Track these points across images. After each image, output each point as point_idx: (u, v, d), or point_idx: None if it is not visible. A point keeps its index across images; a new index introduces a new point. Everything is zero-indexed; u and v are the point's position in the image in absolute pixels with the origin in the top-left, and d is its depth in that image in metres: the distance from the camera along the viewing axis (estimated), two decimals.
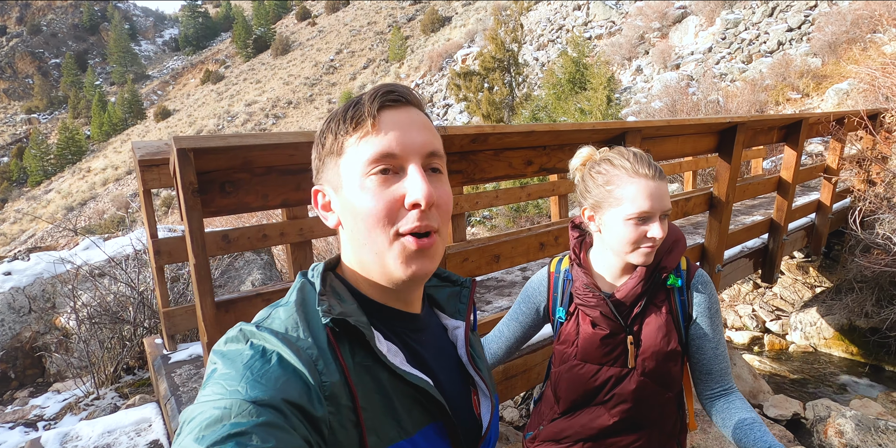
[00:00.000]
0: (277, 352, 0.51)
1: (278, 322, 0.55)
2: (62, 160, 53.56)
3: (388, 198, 0.56)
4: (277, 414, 0.45)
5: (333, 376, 0.52)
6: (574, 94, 11.48)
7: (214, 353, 0.53)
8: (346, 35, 62.01)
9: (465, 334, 0.70)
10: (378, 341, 0.57)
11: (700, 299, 1.14)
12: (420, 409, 0.59)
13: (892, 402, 3.63)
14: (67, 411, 3.25)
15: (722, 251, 3.17)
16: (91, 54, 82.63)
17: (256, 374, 0.48)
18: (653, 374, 1.13)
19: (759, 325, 5.35)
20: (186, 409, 0.47)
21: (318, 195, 0.64)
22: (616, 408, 1.15)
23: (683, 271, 1.15)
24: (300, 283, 0.60)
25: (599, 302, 1.12)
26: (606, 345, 1.14)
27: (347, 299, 0.59)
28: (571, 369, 1.18)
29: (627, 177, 1.06)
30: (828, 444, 2.73)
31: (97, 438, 2.01)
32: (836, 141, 4.56)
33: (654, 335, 1.12)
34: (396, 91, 0.59)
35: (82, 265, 4.47)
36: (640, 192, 1.04)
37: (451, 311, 0.72)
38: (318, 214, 0.64)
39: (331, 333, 0.54)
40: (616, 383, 1.15)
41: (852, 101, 8.32)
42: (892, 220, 4.05)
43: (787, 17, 15.89)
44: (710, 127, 2.88)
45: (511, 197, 4.44)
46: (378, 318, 0.61)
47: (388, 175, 0.57)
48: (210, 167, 1.35)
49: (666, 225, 1.07)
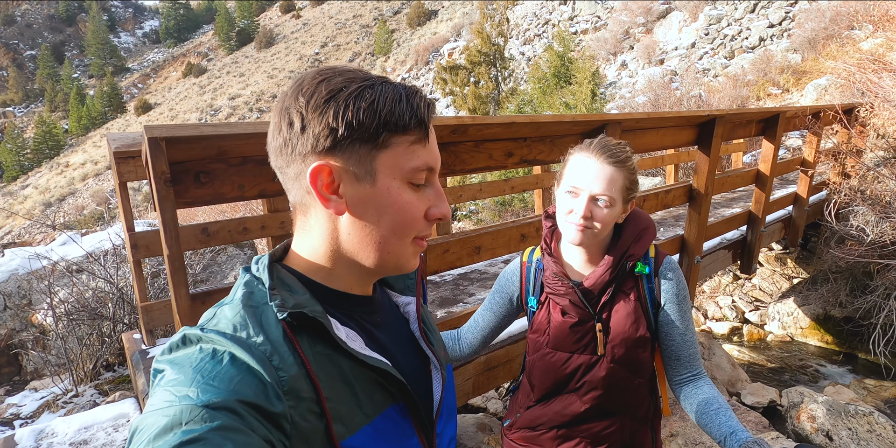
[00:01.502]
0: (229, 351, 0.49)
1: (225, 321, 0.53)
2: (39, 155, 52.20)
3: (421, 208, 0.59)
4: (233, 416, 0.44)
5: (291, 370, 0.51)
6: (559, 88, 11.52)
7: (160, 362, 0.50)
8: (331, 28, 61.29)
9: (417, 309, 0.72)
10: (336, 328, 0.57)
11: (668, 286, 1.15)
12: (382, 391, 0.60)
13: (864, 389, 3.75)
14: (45, 409, 3.20)
15: (701, 243, 3.23)
16: (68, 46, 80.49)
17: (207, 376, 0.46)
18: (622, 361, 1.15)
19: (738, 316, 5.46)
20: (134, 420, 0.45)
21: (321, 172, 0.56)
22: (587, 395, 1.17)
23: (652, 259, 1.17)
24: (245, 279, 0.58)
25: (568, 290, 1.14)
26: (576, 332, 1.16)
27: (299, 290, 0.58)
28: (544, 357, 1.20)
29: (573, 156, 1.12)
30: (801, 428, 2.81)
31: (73, 435, 1.98)
32: (812, 135, 4.65)
33: (623, 322, 1.13)
34: (433, 105, 0.59)
35: (59, 261, 4.39)
36: (574, 169, 1.10)
37: (400, 288, 0.73)
38: (315, 193, 0.56)
39: (287, 327, 0.54)
40: (587, 370, 1.17)
41: (830, 96, 8.48)
42: (865, 212, 4.16)
43: (768, 13, 16.10)
44: (689, 120, 2.92)
45: (495, 190, 4.46)
46: (332, 304, 0.61)
47: (420, 187, 0.59)
48: (183, 157, 1.33)
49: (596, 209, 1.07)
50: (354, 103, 0.54)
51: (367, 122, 0.54)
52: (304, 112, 0.55)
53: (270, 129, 0.59)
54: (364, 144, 0.55)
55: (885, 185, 4.17)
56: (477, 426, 2.91)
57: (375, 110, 0.54)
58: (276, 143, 0.58)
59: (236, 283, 0.59)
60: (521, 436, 1.28)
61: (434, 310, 2.75)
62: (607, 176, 1.06)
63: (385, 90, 0.55)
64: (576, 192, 1.09)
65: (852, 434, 2.65)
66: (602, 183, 1.06)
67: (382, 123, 0.55)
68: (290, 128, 0.56)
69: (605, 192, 1.06)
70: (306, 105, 0.55)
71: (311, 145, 0.55)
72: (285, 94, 0.57)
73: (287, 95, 0.57)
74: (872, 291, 4.17)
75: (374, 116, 0.54)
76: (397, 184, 0.57)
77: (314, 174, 0.55)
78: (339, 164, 0.56)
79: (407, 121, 0.56)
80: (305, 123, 0.55)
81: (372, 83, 0.56)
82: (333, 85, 0.55)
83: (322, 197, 0.56)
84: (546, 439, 1.23)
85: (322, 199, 0.57)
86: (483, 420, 3.01)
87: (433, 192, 0.61)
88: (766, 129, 3.85)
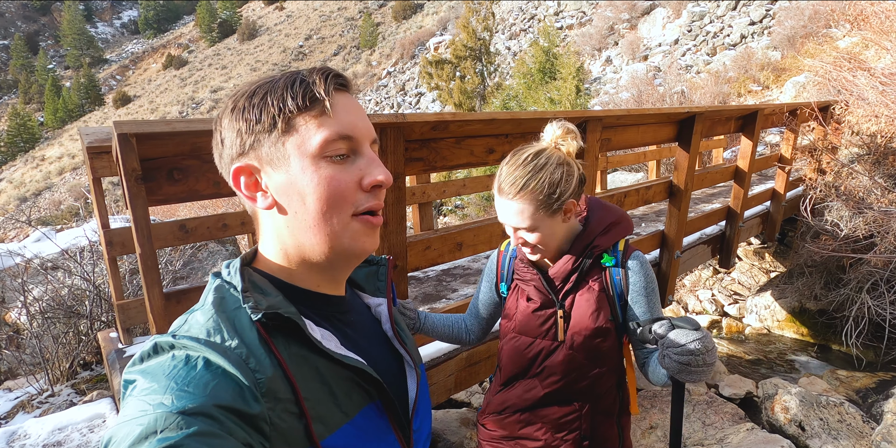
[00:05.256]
0: (203, 356, 0.49)
1: (197, 327, 0.53)
2: (13, 148, 50.69)
3: (348, 179, 0.57)
4: (210, 421, 0.44)
5: (268, 371, 0.51)
6: (544, 83, 11.55)
7: (130, 372, 0.49)
8: (315, 20, 60.42)
9: (389, 310, 0.73)
10: (311, 329, 0.57)
11: (634, 279, 1.19)
12: (359, 390, 0.60)
13: (836, 379, 3.86)
14: (20, 410, 3.13)
15: (681, 238, 3.27)
16: (43, 36, 78.06)
17: (182, 383, 0.46)
18: (580, 348, 1.18)
19: (717, 309, 5.56)
20: (107, 431, 0.45)
21: (241, 174, 0.58)
22: (547, 380, 1.22)
23: (619, 252, 1.21)
24: (215, 284, 0.58)
25: (533, 277, 1.21)
26: (538, 318, 1.21)
27: (271, 292, 0.58)
28: (510, 342, 1.26)
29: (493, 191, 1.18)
30: (775, 419, 2.88)
31: (47, 436, 1.94)
32: (790, 132, 4.74)
33: (584, 311, 1.18)
34: (342, 75, 0.60)
35: (33, 258, 4.28)
36: (496, 206, 1.16)
37: (371, 290, 0.75)
38: (240, 196, 0.59)
39: (262, 329, 0.54)
40: (546, 356, 1.22)
41: (809, 93, 8.64)
42: (839, 207, 4.25)
43: (749, 10, 16.32)
44: (669, 117, 2.95)
45: (479, 185, 4.46)
46: (306, 305, 0.61)
47: (344, 158, 0.58)
48: (156, 153, 1.30)
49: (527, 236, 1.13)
50: (249, 102, 0.57)
51: (261, 114, 0.56)
52: (219, 125, 0.59)
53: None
54: (268, 135, 0.57)
55: (858, 181, 4.27)
56: (460, 421, 2.93)
57: (267, 101, 0.56)
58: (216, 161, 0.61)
59: (206, 289, 0.59)
60: (491, 420, 1.32)
61: (417, 306, 2.75)
62: (515, 210, 1.10)
63: (280, 80, 0.57)
64: (506, 227, 1.16)
65: (824, 424, 2.72)
66: (514, 217, 1.11)
67: (277, 110, 0.56)
68: (218, 144, 0.60)
69: (519, 224, 1.12)
70: (219, 119, 0.60)
71: (230, 154, 0.59)
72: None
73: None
74: (845, 285, 4.28)
75: (266, 106, 0.56)
76: (310, 161, 0.57)
77: (235, 177, 0.58)
78: (253, 162, 0.58)
79: (301, 100, 0.56)
80: (223, 136, 0.59)
81: (272, 80, 0.58)
82: (236, 94, 0.59)
83: (249, 196, 0.59)
84: (511, 423, 1.28)
85: (249, 199, 0.59)
86: (466, 415, 3.03)
87: (364, 160, 0.59)
88: (745, 126, 3.91)
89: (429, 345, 2.12)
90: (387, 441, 0.62)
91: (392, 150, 1.60)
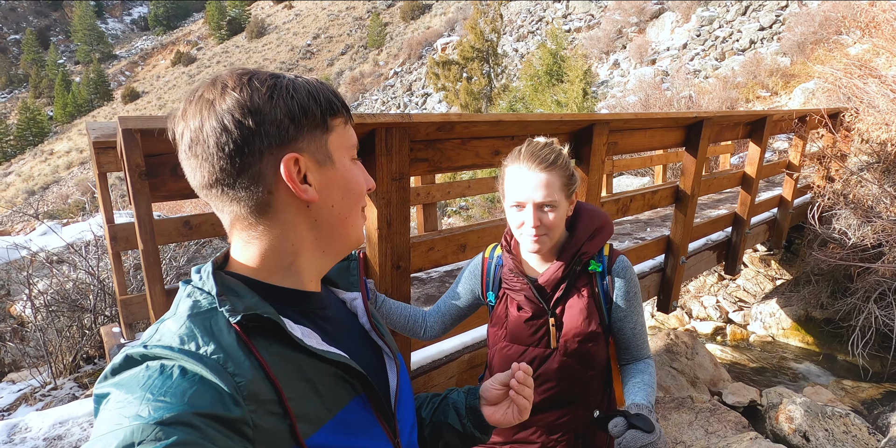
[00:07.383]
0: (179, 365, 0.48)
1: (170, 335, 0.51)
2: (23, 141, 51.11)
3: (362, 180, 0.64)
4: (190, 430, 0.43)
5: (248, 374, 0.50)
6: (551, 86, 11.52)
7: (102, 386, 0.48)
8: (323, 19, 60.62)
9: (364, 303, 0.75)
10: (291, 327, 0.57)
11: (620, 284, 1.20)
12: (343, 384, 0.60)
13: (842, 389, 3.81)
14: (22, 402, 3.14)
15: (686, 243, 3.25)
16: (54, 31, 78.74)
17: (158, 393, 0.45)
18: (574, 354, 1.19)
19: (722, 316, 5.52)
20: (83, 446, 0.45)
21: (292, 163, 0.56)
22: (542, 386, 1.22)
23: (605, 257, 1.22)
24: (186, 291, 0.57)
25: (523, 286, 1.20)
26: (531, 326, 1.21)
27: (246, 294, 0.57)
28: (501, 350, 1.26)
29: (508, 168, 1.16)
30: (779, 429, 2.85)
31: (48, 430, 1.94)
32: (798, 138, 4.70)
33: (576, 318, 1.18)
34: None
35: (38, 251, 4.30)
36: (513, 182, 1.13)
37: (344, 285, 0.76)
38: (291, 186, 0.56)
39: (241, 331, 0.53)
40: (541, 363, 1.22)
41: (818, 99, 8.57)
42: (848, 215, 4.21)
43: (759, 16, 16.24)
44: (677, 121, 2.93)
45: (483, 186, 4.45)
46: (284, 303, 0.61)
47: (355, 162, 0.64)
48: (160, 149, 1.29)
49: (544, 216, 1.11)
50: (297, 93, 0.57)
51: (313, 110, 0.57)
52: (254, 107, 0.54)
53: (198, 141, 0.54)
54: (315, 131, 0.58)
55: (867, 189, 4.22)
56: None
57: (315, 97, 0.58)
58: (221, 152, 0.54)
59: (177, 297, 0.58)
60: None
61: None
62: (544, 182, 1.10)
63: (306, 80, 0.60)
64: (521, 205, 1.13)
65: (829, 435, 2.69)
66: (542, 190, 1.10)
67: (321, 109, 0.58)
68: (239, 128, 0.53)
69: (546, 198, 1.11)
70: (250, 101, 0.54)
71: (270, 141, 0.55)
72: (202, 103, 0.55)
73: (208, 102, 0.54)
74: (852, 294, 4.24)
75: (317, 102, 0.58)
76: (347, 161, 0.62)
77: (285, 166, 0.55)
78: (302, 153, 0.57)
79: (337, 105, 0.60)
80: (261, 119, 0.54)
81: (292, 77, 0.59)
82: (263, 81, 0.56)
83: (297, 188, 0.57)
84: (505, 428, 1.27)
85: (297, 191, 0.57)
86: None
87: (360, 166, 0.66)
88: (753, 132, 3.88)
89: (429, 347, 2.11)
90: (373, 433, 0.63)
91: (397, 151, 1.59)
